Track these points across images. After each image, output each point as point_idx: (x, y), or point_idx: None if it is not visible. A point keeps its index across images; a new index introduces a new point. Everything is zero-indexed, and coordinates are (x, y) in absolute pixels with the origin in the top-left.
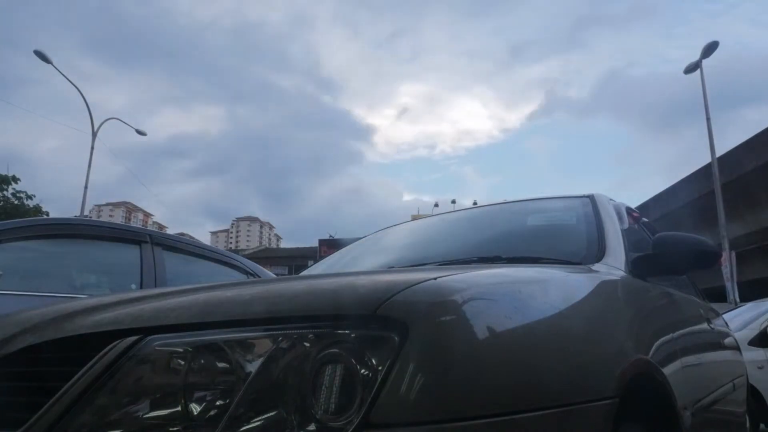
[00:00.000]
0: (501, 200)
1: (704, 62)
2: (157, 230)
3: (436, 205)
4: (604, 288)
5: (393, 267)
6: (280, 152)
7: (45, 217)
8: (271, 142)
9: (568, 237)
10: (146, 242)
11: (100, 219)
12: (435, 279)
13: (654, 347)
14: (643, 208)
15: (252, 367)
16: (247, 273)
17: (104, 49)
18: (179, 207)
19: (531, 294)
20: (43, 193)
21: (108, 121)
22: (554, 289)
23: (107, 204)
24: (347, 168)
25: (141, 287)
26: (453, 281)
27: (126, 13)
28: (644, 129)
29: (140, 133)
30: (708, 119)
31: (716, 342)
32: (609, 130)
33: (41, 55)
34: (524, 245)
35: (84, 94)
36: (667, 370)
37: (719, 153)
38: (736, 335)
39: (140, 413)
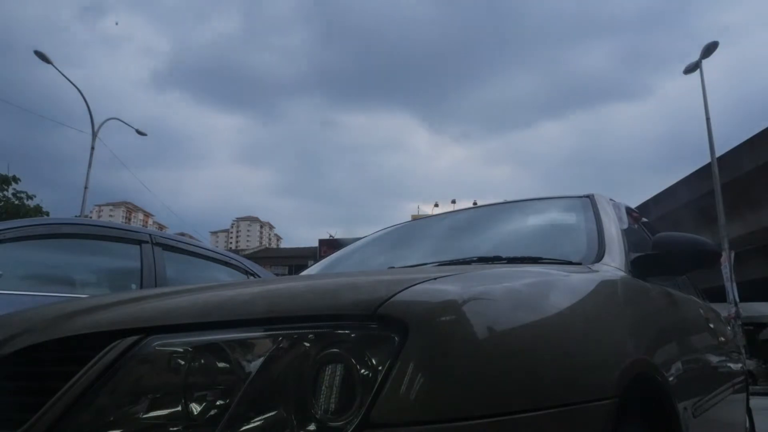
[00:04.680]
0: (501, 200)
1: None
2: (157, 230)
3: (436, 205)
4: (604, 288)
5: (393, 267)
6: None
7: (45, 217)
8: None
9: (568, 237)
10: (146, 242)
11: (100, 219)
12: (435, 279)
13: (654, 347)
14: (643, 208)
15: (252, 367)
16: (247, 273)
17: None
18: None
19: (531, 294)
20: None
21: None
22: (554, 289)
23: (107, 204)
24: None
25: (141, 287)
26: (453, 281)
27: None
28: None
29: (140, 133)
30: (708, 119)
31: (716, 342)
32: None
33: (41, 56)
34: (524, 245)
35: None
36: (667, 371)
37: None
38: None
39: (140, 413)
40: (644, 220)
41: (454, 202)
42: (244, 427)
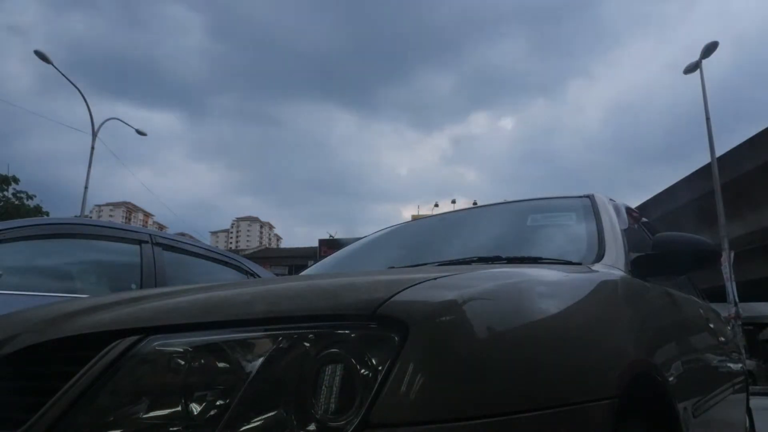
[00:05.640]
0: (501, 200)
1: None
2: (157, 230)
3: (436, 205)
4: (604, 288)
5: (393, 267)
6: None
7: (45, 217)
8: None
9: (568, 237)
10: (146, 242)
11: (100, 219)
12: (435, 279)
13: (654, 347)
14: (643, 208)
15: (252, 367)
16: (247, 273)
17: None
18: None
19: (531, 294)
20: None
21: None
22: (554, 289)
23: (107, 204)
24: None
25: (141, 287)
26: (453, 281)
27: None
28: None
29: (140, 133)
30: (708, 119)
31: (716, 342)
32: None
33: (41, 56)
34: (524, 245)
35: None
36: (667, 371)
37: None
38: None
39: (140, 413)
40: (644, 220)
41: (454, 202)
42: (244, 427)
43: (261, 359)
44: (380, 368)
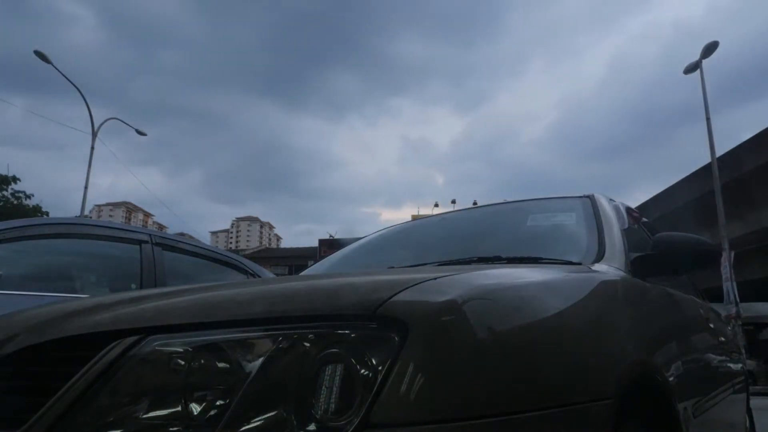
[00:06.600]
0: (501, 200)
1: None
2: (156, 230)
3: (436, 205)
4: (604, 288)
5: (393, 267)
6: None
7: (45, 217)
8: None
9: (568, 237)
10: (146, 242)
11: (100, 219)
12: (435, 279)
13: (654, 348)
14: (643, 208)
15: (252, 367)
16: (247, 273)
17: None
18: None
19: (531, 294)
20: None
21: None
22: (554, 289)
23: (107, 204)
24: None
25: (141, 287)
26: (453, 281)
27: None
28: None
29: (140, 133)
30: (708, 119)
31: (716, 342)
32: None
33: (41, 55)
34: (524, 245)
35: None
36: (667, 371)
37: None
38: None
39: (140, 413)
40: (644, 220)
41: (454, 202)
42: (244, 427)
43: (261, 359)
44: (380, 368)
